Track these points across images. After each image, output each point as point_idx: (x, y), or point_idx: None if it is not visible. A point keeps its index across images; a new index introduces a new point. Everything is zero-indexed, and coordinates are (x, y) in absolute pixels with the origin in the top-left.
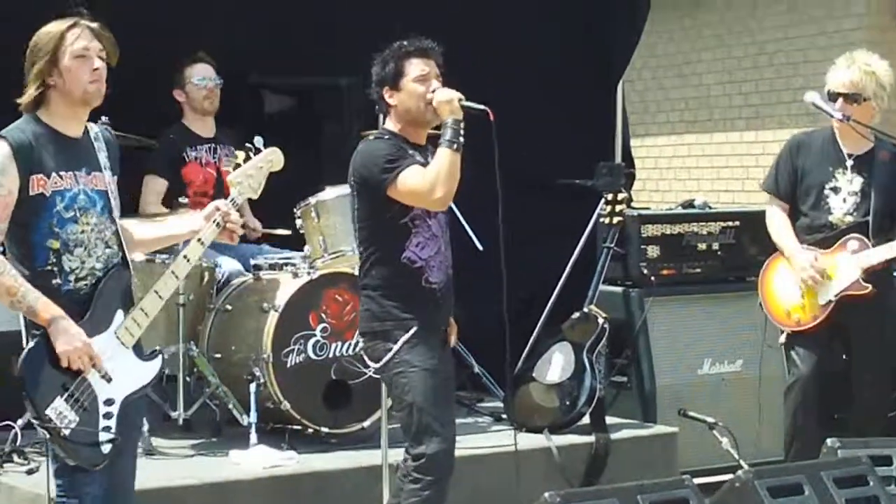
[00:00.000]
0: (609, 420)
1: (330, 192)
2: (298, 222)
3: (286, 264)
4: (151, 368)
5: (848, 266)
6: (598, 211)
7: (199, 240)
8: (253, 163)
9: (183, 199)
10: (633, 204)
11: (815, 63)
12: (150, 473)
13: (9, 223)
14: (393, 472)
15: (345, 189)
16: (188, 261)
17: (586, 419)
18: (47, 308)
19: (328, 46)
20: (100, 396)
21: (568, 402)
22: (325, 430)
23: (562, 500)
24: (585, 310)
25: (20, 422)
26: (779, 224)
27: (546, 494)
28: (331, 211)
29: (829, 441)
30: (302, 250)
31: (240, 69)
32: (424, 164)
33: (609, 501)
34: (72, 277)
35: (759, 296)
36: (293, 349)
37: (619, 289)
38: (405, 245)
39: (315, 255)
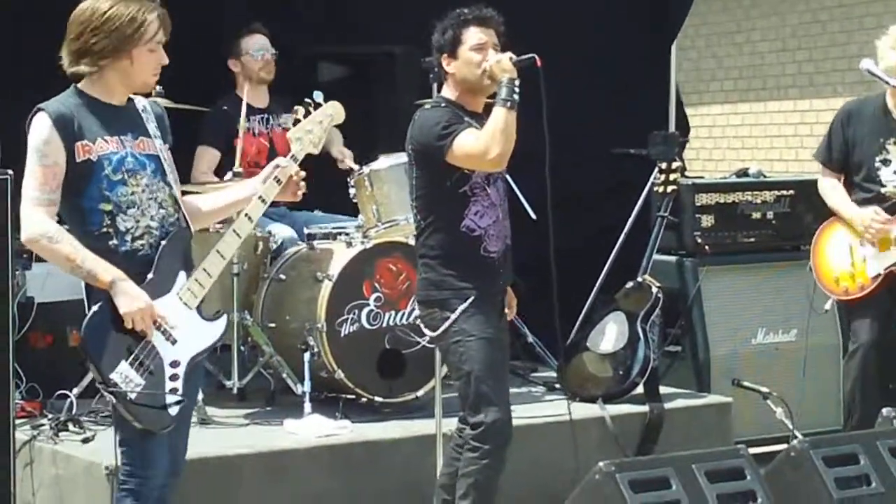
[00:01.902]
0: (663, 390)
1: (383, 162)
2: (352, 192)
3: (340, 233)
4: (216, 329)
5: None
6: (651, 180)
7: (260, 197)
8: (312, 117)
9: (237, 169)
10: (687, 173)
11: (870, 30)
12: (204, 442)
13: (61, 192)
14: (446, 442)
15: (398, 158)
16: (250, 220)
17: (640, 389)
18: (108, 271)
19: (381, 15)
20: (165, 358)
21: (622, 372)
22: (378, 399)
23: (616, 469)
24: (639, 279)
25: (75, 391)
26: (833, 191)
27: (601, 463)
28: (384, 180)
29: (884, 410)
30: (353, 215)
31: (293, 38)
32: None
33: (664, 470)
34: (128, 237)
35: (811, 261)
36: (347, 318)
37: (672, 258)
38: (464, 213)
39: (368, 225)
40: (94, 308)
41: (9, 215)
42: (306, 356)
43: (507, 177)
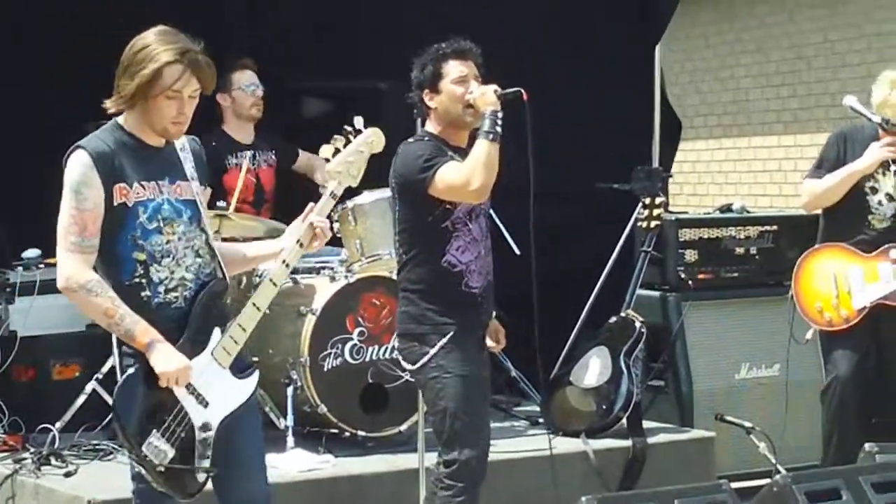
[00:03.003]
0: (646, 424)
1: (367, 196)
2: (336, 226)
3: (323, 268)
4: (247, 386)
5: (887, 274)
6: (635, 215)
7: (298, 241)
8: (353, 147)
9: (221, 204)
10: (670, 208)
11: (854, 67)
12: None
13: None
14: (428, 476)
15: (382, 193)
16: (287, 266)
17: (623, 423)
18: (146, 332)
19: (366, 50)
20: (196, 422)
21: (605, 406)
22: (361, 433)
23: None
24: (623, 314)
25: (58, 425)
26: (820, 183)
27: (583, 498)
28: (368, 215)
29: (867, 445)
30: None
31: (278, 73)
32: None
33: None
34: (161, 289)
35: (792, 289)
36: (330, 353)
37: (656, 293)
38: (446, 248)
39: (352, 259)
40: (128, 372)
41: None
42: (289, 390)
43: (492, 212)
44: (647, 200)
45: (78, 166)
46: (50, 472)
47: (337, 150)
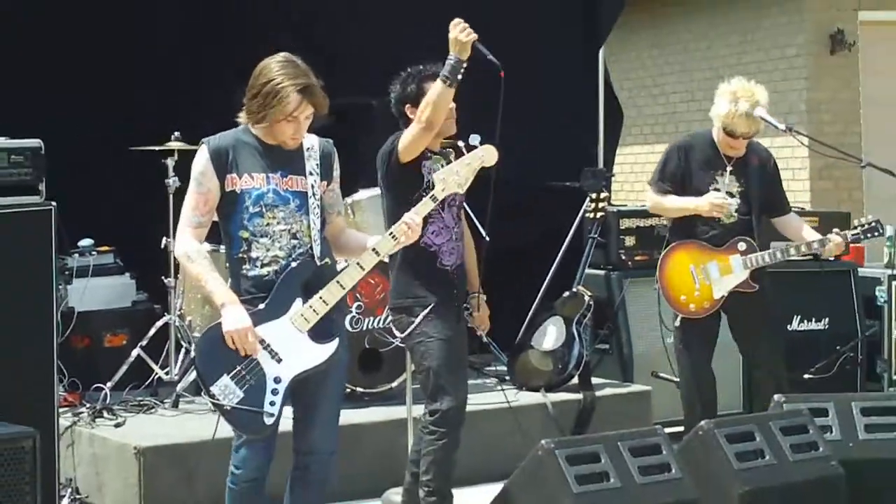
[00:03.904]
0: (594, 380)
1: (363, 194)
2: None
3: None
4: (325, 350)
5: (738, 266)
6: (584, 207)
7: (391, 234)
8: (462, 160)
9: None
10: (612, 202)
11: (763, 84)
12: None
13: (217, 218)
14: (416, 424)
15: (375, 191)
16: (378, 254)
17: (575, 380)
18: (223, 295)
19: (361, 71)
20: (268, 374)
21: (560, 366)
22: (360, 389)
23: (556, 447)
24: (574, 289)
25: (109, 384)
26: (666, 198)
27: (543, 442)
28: (364, 209)
29: (776, 396)
30: None
31: None
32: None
33: (595, 447)
34: (258, 264)
35: (658, 285)
36: None
37: (601, 272)
38: (423, 232)
39: None
40: (209, 326)
41: (53, 240)
42: None
43: (465, 205)
44: (594, 195)
45: (199, 159)
46: (102, 424)
47: (448, 161)
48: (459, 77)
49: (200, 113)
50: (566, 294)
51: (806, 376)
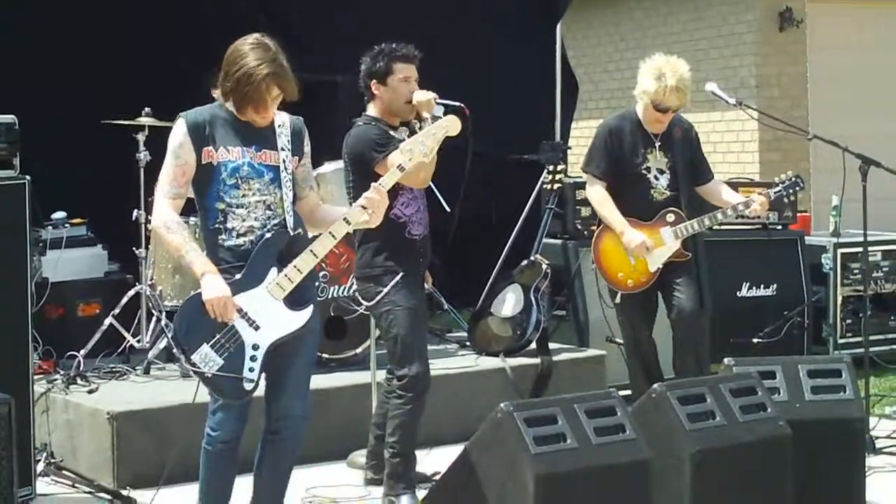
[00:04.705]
0: (551, 346)
1: (328, 167)
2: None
3: None
4: (301, 317)
5: (669, 237)
6: (541, 179)
7: (361, 205)
8: (427, 129)
9: None
10: (569, 173)
11: (714, 60)
12: (181, 390)
13: (190, 188)
14: (379, 389)
15: (339, 164)
16: (348, 223)
17: (533, 345)
18: (203, 265)
19: (326, 49)
20: (247, 342)
21: (519, 332)
22: (325, 355)
23: (514, 409)
24: (532, 258)
25: (82, 352)
26: (604, 203)
27: (502, 405)
28: (329, 181)
29: (726, 360)
30: None
31: None
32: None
33: (552, 409)
34: (233, 234)
35: (594, 265)
36: None
37: (558, 241)
38: (393, 203)
39: None
40: (189, 297)
41: (27, 213)
42: None
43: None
44: (551, 167)
45: (176, 132)
46: (76, 390)
47: (413, 131)
48: None
49: (170, 88)
50: (524, 263)
51: (755, 340)
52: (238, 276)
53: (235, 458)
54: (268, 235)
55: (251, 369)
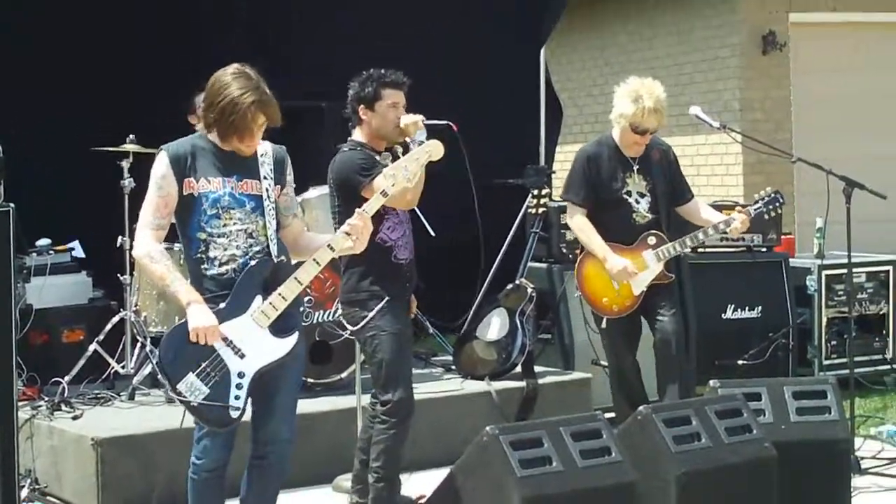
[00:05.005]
0: (537, 369)
1: (313, 192)
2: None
3: None
4: (286, 344)
5: (652, 260)
6: (526, 203)
7: (345, 231)
8: (410, 155)
9: None
10: (554, 198)
11: (698, 83)
12: (168, 417)
13: (175, 221)
14: (364, 413)
15: (323, 190)
16: (332, 250)
17: (519, 368)
18: (188, 294)
19: (311, 76)
20: (232, 370)
21: (504, 355)
22: (310, 380)
23: (500, 432)
24: (517, 281)
25: (67, 378)
26: (586, 230)
27: (487, 428)
28: (314, 207)
29: (711, 382)
30: None
31: None
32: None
33: (538, 432)
34: (216, 263)
35: (579, 292)
36: None
37: (543, 264)
38: (379, 228)
39: None
40: (175, 326)
41: (11, 240)
42: None
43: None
44: (536, 191)
45: (159, 164)
46: (61, 416)
47: (396, 156)
48: None
49: (155, 116)
50: (510, 286)
51: (740, 362)
52: (223, 305)
53: (223, 486)
54: (252, 263)
55: (237, 397)
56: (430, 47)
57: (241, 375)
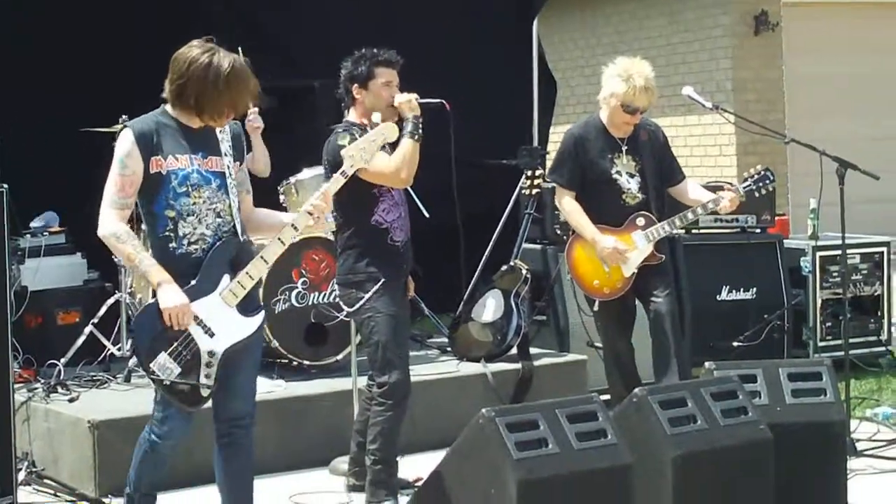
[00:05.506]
0: (532, 351)
1: (307, 173)
2: (282, 198)
3: None
4: (253, 322)
5: (641, 240)
6: (520, 184)
7: (308, 212)
8: (367, 136)
9: None
10: (547, 178)
11: (690, 64)
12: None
13: (138, 198)
14: (360, 395)
15: (318, 170)
16: (296, 229)
17: (514, 350)
18: (158, 274)
19: (303, 54)
20: (202, 349)
21: (499, 337)
22: (306, 362)
23: (496, 415)
24: (512, 263)
25: (63, 360)
26: (574, 212)
27: (483, 410)
28: (307, 188)
29: (707, 364)
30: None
31: None
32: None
33: (534, 414)
34: (185, 241)
35: (570, 275)
36: (279, 298)
37: (538, 246)
38: (374, 210)
39: None
40: (146, 305)
41: (5, 222)
42: None
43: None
44: (529, 172)
45: (123, 142)
46: (56, 399)
47: (353, 138)
48: (421, 132)
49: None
50: (504, 268)
51: (735, 344)
52: (192, 283)
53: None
54: (219, 243)
55: (207, 375)
56: (422, 26)
57: (211, 354)
